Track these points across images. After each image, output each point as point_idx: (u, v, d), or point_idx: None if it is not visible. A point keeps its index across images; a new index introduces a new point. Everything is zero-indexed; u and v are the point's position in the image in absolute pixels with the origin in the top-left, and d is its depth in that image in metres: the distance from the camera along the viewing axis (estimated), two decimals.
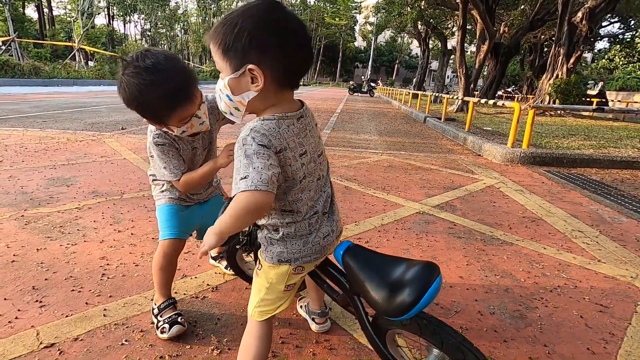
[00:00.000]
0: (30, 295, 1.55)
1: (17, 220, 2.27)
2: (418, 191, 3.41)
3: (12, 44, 19.82)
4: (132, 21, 51.51)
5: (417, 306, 0.80)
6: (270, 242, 0.98)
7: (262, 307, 1.04)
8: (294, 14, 0.86)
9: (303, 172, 0.92)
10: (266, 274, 1.02)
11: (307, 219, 0.95)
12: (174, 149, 1.32)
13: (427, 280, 0.81)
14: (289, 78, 0.86)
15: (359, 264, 0.92)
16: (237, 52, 0.81)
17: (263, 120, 0.86)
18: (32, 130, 5.38)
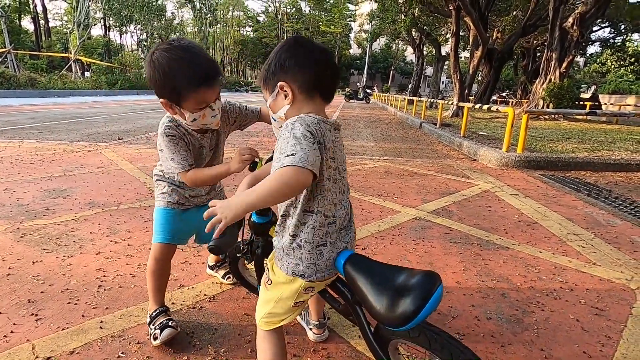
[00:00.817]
0: (26, 309, 1.54)
1: (12, 233, 2.26)
2: (414, 197, 3.43)
3: (7, 56, 19.86)
4: (128, 32, 51.79)
5: (419, 315, 0.79)
6: (286, 253, 0.99)
7: (269, 318, 1.07)
8: (313, 42, 1.02)
9: (329, 173, 0.96)
10: (278, 289, 1.03)
11: (325, 227, 0.97)
12: (182, 142, 1.32)
13: (429, 289, 0.80)
14: (314, 84, 0.98)
15: (360, 273, 0.91)
16: (271, 80, 1.00)
17: (307, 114, 0.95)
18: (28, 141, 5.37)
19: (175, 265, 1.96)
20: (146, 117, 9.89)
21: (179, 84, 1.17)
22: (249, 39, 56.21)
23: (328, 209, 0.97)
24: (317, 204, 0.95)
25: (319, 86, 0.99)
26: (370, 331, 1.03)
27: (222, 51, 55.44)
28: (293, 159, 0.82)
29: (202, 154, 1.42)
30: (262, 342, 1.10)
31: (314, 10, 51.61)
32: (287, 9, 53.27)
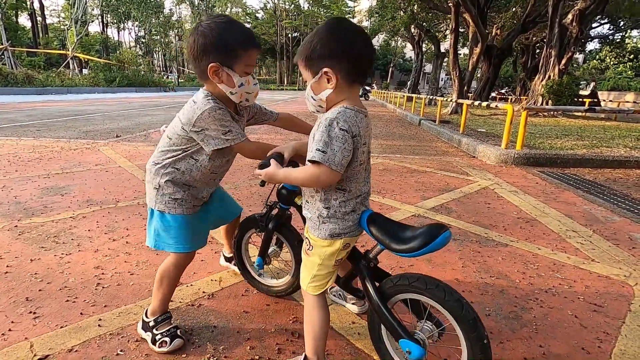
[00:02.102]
0: (24, 307, 1.54)
1: (10, 231, 2.25)
2: (413, 194, 3.42)
3: (5, 53, 19.75)
4: (126, 28, 51.50)
5: (429, 247, 0.99)
6: (322, 222, 1.13)
7: (316, 282, 1.18)
8: (354, 26, 1.07)
9: (361, 159, 1.09)
10: (319, 252, 1.16)
11: (354, 200, 1.13)
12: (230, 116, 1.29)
13: (436, 234, 0.99)
14: (356, 74, 1.06)
15: (382, 223, 1.12)
16: (314, 61, 1.05)
17: (346, 108, 1.05)
18: (25, 139, 5.35)
19: None
20: (144, 114, 9.85)
21: (234, 43, 1.22)
22: None
23: (356, 186, 1.12)
24: (348, 184, 1.11)
25: (359, 74, 1.07)
26: (376, 290, 1.17)
27: None
28: (322, 157, 1.00)
29: None
30: (312, 310, 1.20)
31: (312, 6, 51.39)
32: (285, 6, 53.00)
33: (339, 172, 1.02)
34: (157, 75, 29.78)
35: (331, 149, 1.00)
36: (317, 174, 1.02)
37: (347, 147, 1.01)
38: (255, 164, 1.43)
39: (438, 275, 1.95)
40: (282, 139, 6.39)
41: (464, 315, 1.03)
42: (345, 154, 1.02)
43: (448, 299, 1.05)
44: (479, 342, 1.02)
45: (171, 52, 52.71)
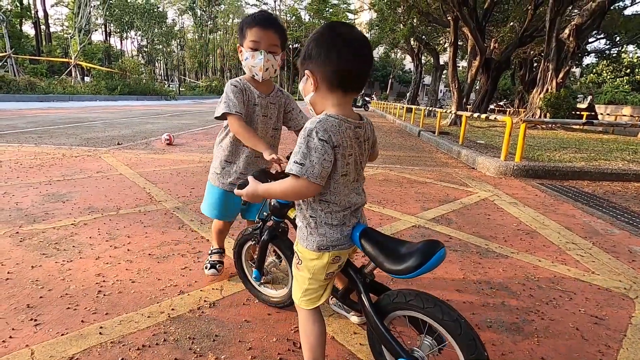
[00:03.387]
0: (25, 314, 1.53)
1: (11, 237, 2.25)
2: (414, 205, 3.44)
3: (8, 60, 19.91)
4: (128, 38, 52.06)
5: (424, 268, 0.97)
6: (309, 233, 1.11)
7: (307, 296, 1.17)
8: (352, 33, 1.03)
9: (346, 170, 1.07)
10: (308, 266, 1.14)
11: (342, 211, 1.10)
12: (241, 94, 1.59)
13: (433, 252, 0.98)
14: (338, 82, 1.03)
15: (374, 242, 1.08)
16: (302, 64, 1.08)
17: (329, 116, 1.02)
18: (27, 145, 5.37)
19: (176, 271, 1.95)
20: (145, 122, 9.91)
21: (242, 24, 1.58)
22: None
23: (341, 198, 1.09)
24: (330, 196, 1.08)
25: (343, 78, 1.03)
26: (372, 306, 1.15)
27: (222, 58, 55.77)
28: (300, 170, 0.98)
29: (254, 112, 1.65)
30: (306, 323, 1.19)
31: (313, 18, 52.16)
32: (287, 17, 53.77)
33: (318, 184, 1.00)
34: (158, 84, 30.01)
35: (309, 161, 0.97)
36: (296, 187, 1.00)
37: (326, 158, 0.98)
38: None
39: (439, 287, 1.96)
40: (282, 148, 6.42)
41: (462, 335, 1.01)
42: (325, 165, 0.99)
43: (446, 319, 1.02)
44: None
45: (173, 61, 53.19)
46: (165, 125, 9.42)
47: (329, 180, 1.05)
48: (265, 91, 1.67)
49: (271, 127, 1.72)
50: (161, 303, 1.66)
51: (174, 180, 3.86)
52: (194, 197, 3.31)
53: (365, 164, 1.16)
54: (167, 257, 2.10)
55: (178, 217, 2.78)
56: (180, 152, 5.61)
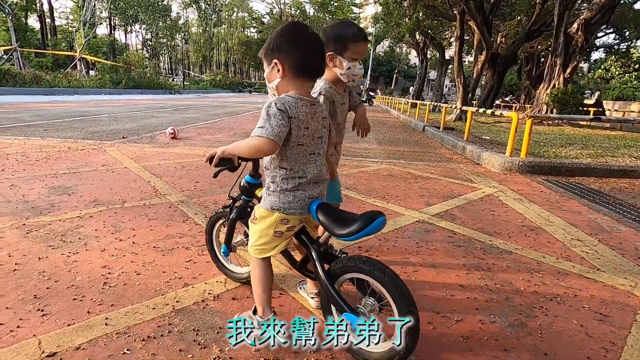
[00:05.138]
0: (32, 304, 1.55)
1: (18, 229, 2.28)
2: (418, 200, 3.43)
3: (14, 54, 19.99)
4: (133, 31, 52.03)
5: (365, 231, 1.15)
6: (267, 194, 1.34)
7: (258, 247, 1.38)
8: (307, 31, 1.29)
9: (302, 140, 1.27)
10: (260, 222, 1.35)
11: (297, 178, 1.30)
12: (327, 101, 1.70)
13: (372, 219, 1.16)
14: (301, 67, 1.26)
15: (327, 213, 1.28)
16: (269, 55, 1.28)
17: (287, 95, 1.26)
18: (33, 139, 5.41)
19: (180, 264, 1.97)
20: (150, 116, 9.93)
21: (344, 37, 1.66)
22: (253, 40, 56.34)
23: (297, 166, 1.29)
24: (287, 162, 1.29)
25: (305, 67, 1.27)
26: (324, 271, 1.33)
27: (226, 52, 55.60)
28: (261, 131, 1.18)
29: (343, 110, 1.83)
30: (255, 268, 1.42)
31: (318, 12, 51.78)
32: (291, 11, 53.42)
33: (276, 142, 1.19)
34: (162, 78, 30.02)
35: (269, 124, 1.19)
36: (258, 143, 1.19)
37: (283, 123, 1.20)
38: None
39: (443, 282, 1.96)
40: None
41: (399, 293, 1.18)
42: (282, 128, 1.19)
43: (386, 279, 1.20)
44: (411, 316, 1.17)
45: (177, 55, 53.12)
46: (170, 119, 9.44)
47: (285, 148, 1.26)
48: (343, 86, 1.85)
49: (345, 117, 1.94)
50: (166, 295, 1.68)
51: (179, 173, 3.87)
52: (198, 190, 3.32)
53: (326, 140, 1.38)
54: (171, 250, 2.11)
55: (182, 210, 2.79)
56: (184, 146, 5.63)
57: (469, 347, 1.46)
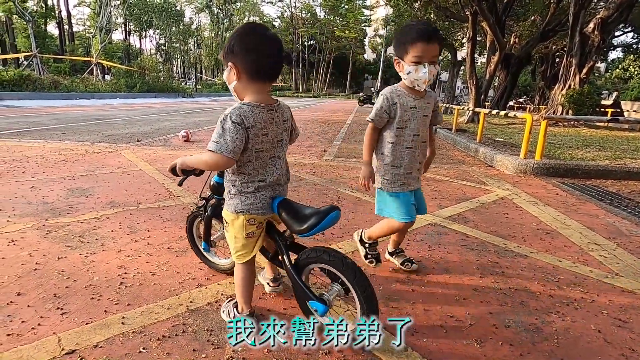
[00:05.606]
0: (52, 303, 1.60)
1: (39, 230, 2.35)
2: (430, 202, 3.40)
3: (34, 59, 20.62)
4: (147, 36, 53.10)
5: (320, 226, 1.25)
6: (230, 198, 1.39)
7: (238, 253, 1.42)
8: (266, 33, 1.27)
9: (261, 147, 1.32)
10: (231, 227, 1.40)
11: (256, 182, 1.35)
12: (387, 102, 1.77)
13: (327, 213, 1.26)
14: (255, 71, 1.27)
15: (287, 209, 1.35)
16: (226, 57, 1.29)
17: (242, 104, 1.27)
18: (52, 142, 5.56)
19: (194, 265, 2.00)
20: (163, 119, 10.10)
21: (403, 39, 1.64)
22: None
23: (256, 170, 1.34)
24: (245, 168, 1.33)
25: (259, 70, 1.27)
26: (292, 264, 1.43)
27: None
28: (216, 146, 1.22)
29: (413, 114, 1.77)
30: (238, 272, 1.48)
31: (329, 15, 51.93)
32: (302, 14, 53.72)
33: (231, 158, 1.24)
34: (175, 82, 30.52)
35: (224, 139, 1.22)
36: (213, 159, 1.25)
37: (238, 137, 1.23)
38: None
39: (456, 285, 1.94)
40: (297, 145, 6.45)
41: (356, 280, 1.30)
42: (237, 142, 1.23)
43: (345, 268, 1.32)
44: (369, 301, 1.31)
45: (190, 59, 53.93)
46: (183, 122, 9.59)
47: (243, 156, 1.30)
48: (423, 94, 1.79)
49: (427, 126, 1.87)
50: (180, 295, 1.70)
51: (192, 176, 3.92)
52: None
53: (287, 142, 1.42)
54: (185, 251, 2.15)
55: None
56: (197, 149, 5.71)
57: (483, 352, 1.44)
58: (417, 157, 1.84)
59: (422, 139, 1.83)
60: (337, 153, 5.96)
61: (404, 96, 1.74)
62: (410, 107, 1.75)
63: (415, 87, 1.72)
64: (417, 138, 1.80)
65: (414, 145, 1.81)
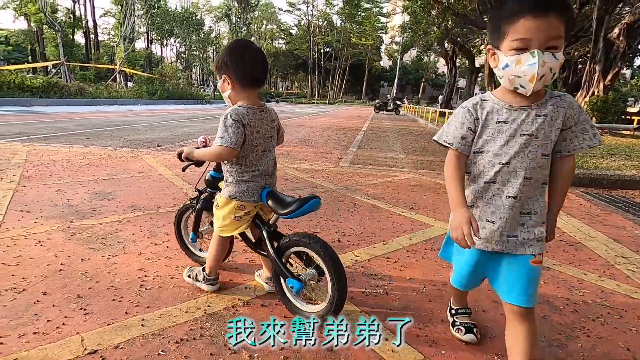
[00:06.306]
0: (76, 303, 1.65)
1: (64, 232, 2.43)
2: (447, 211, 3.33)
3: (61, 67, 21.51)
4: (168, 44, 54.68)
5: (300, 210, 1.47)
6: (226, 186, 1.63)
7: (221, 228, 1.66)
8: (251, 47, 1.53)
9: (255, 142, 1.56)
10: (222, 208, 1.64)
11: (251, 172, 1.58)
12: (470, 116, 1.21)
13: (307, 200, 1.47)
14: (245, 81, 1.54)
15: (273, 198, 1.58)
16: (219, 70, 1.56)
17: (239, 106, 1.53)
18: (77, 146, 5.77)
19: None
20: (182, 125, 10.34)
21: (501, 16, 1.06)
22: (281, 51, 57.66)
23: (251, 162, 1.58)
24: (242, 160, 1.57)
25: (251, 79, 1.54)
26: (274, 248, 1.62)
27: None
28: (222, 141, 1.47)
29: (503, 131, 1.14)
30: (214, 243, 1.72)
31: (345, 22, 52.28)
32: (319, 22, 54.29)
33: (235, 149, 1.48)
34: (194, 89, 31.22)
35: (227, 134, 1.46)
36: (219, 151, 1.49)
37: (239, 131, 1.47)
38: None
39: (475, 297, 1.90)
40: (313, 151, 6.48)
41: (332, 263, 1.46)
42: (239, 136, 1.47)
43: (321, 250, 1.48)
44: (341, 283, 1.46)
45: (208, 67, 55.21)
46: (201, 128, 9.78)
47: (243, 149, 1.52)
48: (530, 100, 1.10)
49: (539, 153, 1.13)
50: (198, 299, 1.73)
51: None
52: None
53: (275, 138, 1.67)
54: None
55: None
56: None
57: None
58: (509, 204, 1.16)
59: (527, 173, 1.14)
60: (353, 160, 5.95)
61: (494, 106, 1.15)
62: (499, 123, 1.14)
63: (517, 89, 1.07)
64: (505, 169, 1.15)
65: (505, 181, 1.16)
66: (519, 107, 1.12)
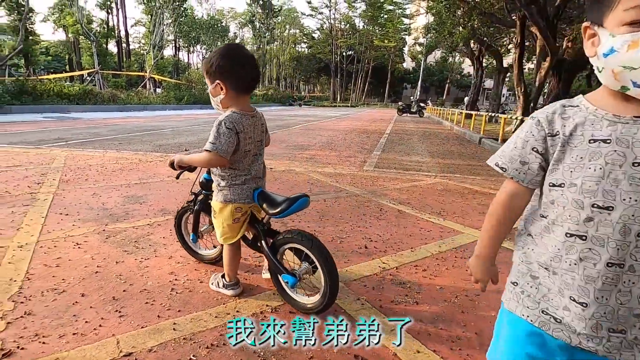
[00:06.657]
0: (111, 305, 1.70)
1: (99, 234, 2.53)
2: (477, 217, 3.24)
3: (96, 75, 22.61)
4: (195, 51, 56.39)
5: (290, 209, 1.55)
6: (219, 190, 1.66)
7: (224, 236, 1.70)
8: (243, 53, 1.56)
9: (248, 147, 1.60)
10: (219, 215, 1.67)
11: (244, 175, 1.63)
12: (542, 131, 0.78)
13: (296, 199, 1.56)
14: (240, 88, 1.56)
15: (264, 198, 1.64)
16: (211, 74, 1.55)
17: (233, 112, 1.55)
18: (110, 151, 6.02)
19: (240, 274, 2.04)
20: (208, 130, 10.43)
21: None
22: (304, 55, 58.16)
23: (244, 166, 1.63)
24: (237, 164, 1.61)
25: (242, 86, 1.56)
26: (268, 245, 1.71)
27: (278, 67, 57.96)
28: (212, 147, 1.49)
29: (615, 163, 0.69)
30: (227, 252, 1.77)
31: (368, 25, 52.10)
32: (341, 25, 54.38)
33: (225, 158, 1.51)
34: None
35: (219, 141, 1.48)
36: (210, 157, 1.51)
37: (231, 140, 1.50)
38: None
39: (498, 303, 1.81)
40: (336, 155, 6.46)
41: (323, 257, 1.57)
42: (230, 145, 1.50)
43: (313, 246, 1.59)
44: (332, 276, 1.55)
45: None
46: None
47: (236, 155, 1.56)
48: (631, 110, 0.69)
49: None
50: (227, 304, 1.75)
51: None
52: None
53: (265, 141, 1.72)
54: None
55: None
56: None
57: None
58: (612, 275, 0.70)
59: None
60: (377, 163, 5.89)
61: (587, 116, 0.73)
62: (594, 141, 0.71)
63: (627, 91, 0.68)
64: (605, 216, 0.70)
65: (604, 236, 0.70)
66: (631, 119, 0.69)
